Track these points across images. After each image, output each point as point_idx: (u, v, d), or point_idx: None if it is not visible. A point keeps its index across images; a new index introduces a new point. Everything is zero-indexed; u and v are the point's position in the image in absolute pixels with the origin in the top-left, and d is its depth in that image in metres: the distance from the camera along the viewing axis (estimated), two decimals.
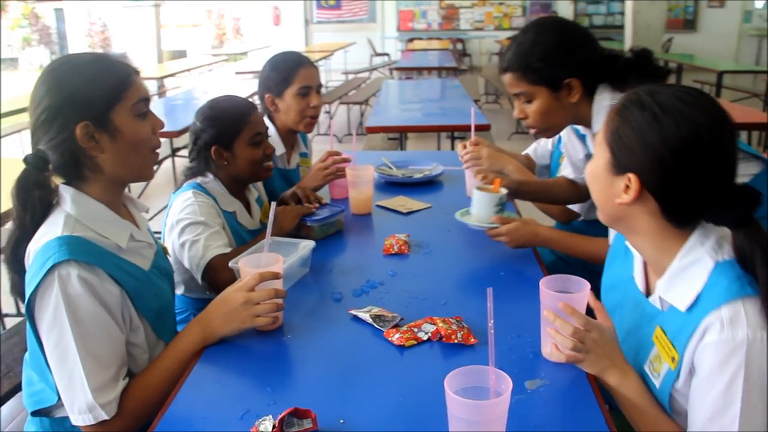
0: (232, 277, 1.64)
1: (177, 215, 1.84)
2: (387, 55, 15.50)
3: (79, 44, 16.60)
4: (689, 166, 1.13)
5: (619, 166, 1.20)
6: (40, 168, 1.34)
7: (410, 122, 4.38)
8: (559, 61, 1.78)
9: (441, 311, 1.53)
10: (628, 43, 9.76)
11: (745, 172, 1.69)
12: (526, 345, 1.39)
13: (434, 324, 1.44)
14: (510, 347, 1.38)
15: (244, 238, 1.97)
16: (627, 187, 1.19)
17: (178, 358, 1.39)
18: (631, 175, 1.17)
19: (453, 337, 1.39)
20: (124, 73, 1.38)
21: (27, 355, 1.42)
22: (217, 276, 1.77)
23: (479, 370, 1.04)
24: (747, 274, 1.12)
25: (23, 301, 1.31)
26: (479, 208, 1.89)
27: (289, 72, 2.38)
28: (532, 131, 1.93)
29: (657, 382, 1.23)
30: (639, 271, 1.36)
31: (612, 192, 1.23)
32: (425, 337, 1.41)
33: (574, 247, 1.89)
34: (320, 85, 2.47)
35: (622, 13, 15.12)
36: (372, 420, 1.15)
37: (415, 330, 1.43)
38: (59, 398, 1.33)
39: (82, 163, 1.36)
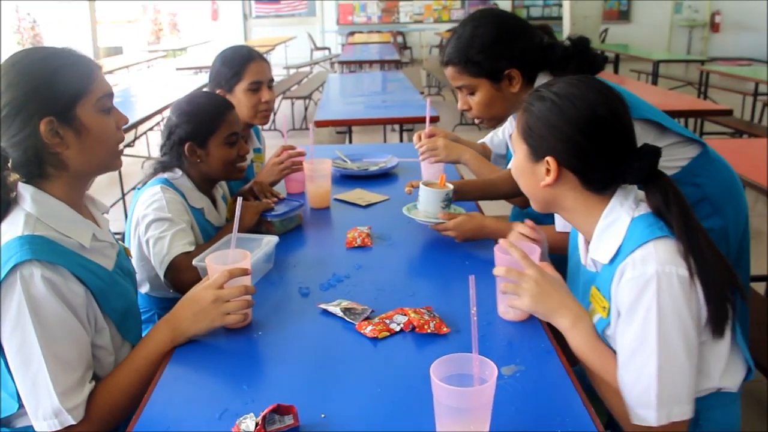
0: (196, 276, 1.61)
1: (143, 210, 1.79)
2: (327, 49, 15.44)
3: (6, 41, 15.99)
4: (593, 137, 1.27)
5: (536, 154, 1.33)
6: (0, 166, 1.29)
7: (359, 115, 4.38)
8: (498, 53, 1.81)
9: (410, 302, 1.54)
10: (566, 33, 9.94)
11: (684, 155, 1.75)
12: (498, 332, 1.41)
13: (406, 315, 1.44)
14: (482, 334, 1.39)
15: (211, 235, 1.93)
16: (547, 170, 1.32)
17: (147, 359, 1.35)
18: (549, 158, 1.31)
19: (426, 327, 1.40)
20: (88, 68, 1.34)
21: None
22: (179, 275, 1.73)
23: (463, 357, 1.04)
24: (659, 221, 1.24)
25: None
26: (426, 203, 1.92)
27: (240, 67, 2.33)
28: (476, 121, 1.97)
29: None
30: (582, 249, 1.45)
31: (536, 178, 1.35)
32: (398, 329, 1.41)
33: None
34: (272, 80, 2.43)
35: (559, 5, 15.44)
36: (353, 413, 1.15)
37: (387, 321, 1.43)
38: (19, 407, 1.28)
39: (45, 160, 1.31)
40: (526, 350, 1.34)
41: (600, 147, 1.28)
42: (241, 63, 2.33)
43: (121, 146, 1.43)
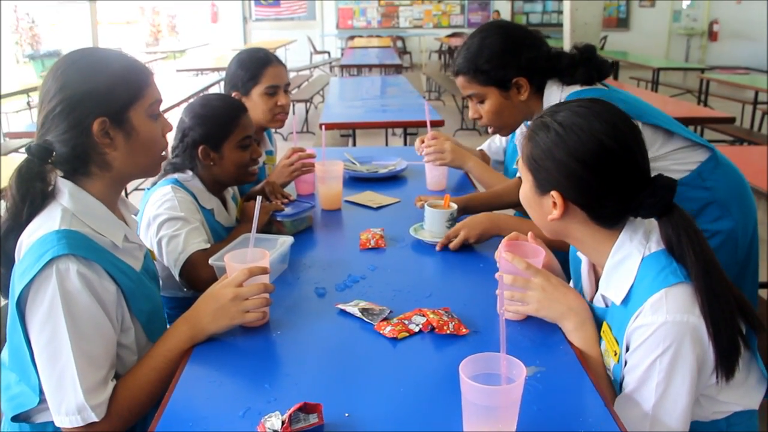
0: (212, 273, 1.61)
1: (155, 210, 1.79)
2: (327, 53, 15.45)
3: (5, 40, 15.98)
4: (600, 172, 1.23)
5: (542, 187, 1.30)
6: (43, 159, 1.30)
7: (362, 119, 4.39)
8: (505, 62, 1.86)
9: (427, 303, 1.54)
10: (566, 40, 9.95)
11: (693, 159, 1.78)
12: (517, 333, 1.41)
13: (424, 316, 1.44)
14: None
15: (221, 236, 1.94)
16: (554, 203, 1.29)
17: (167, 357, 1.35)
18: (554, 193, 1.28)
19: (445, 327, 1.40)
20: (144, 73, 1.37)
21: (3, 355, 1.36)
22: (196, 272, 1.73)
23: (491, 357, 1.05)
24: (672, 262, 1.21)
25: (5, 297, 1.27)
26: (431, 224, 1.95)
27: (257, 71, 2.34)
28: (490, 130, 2.02)
29: (609, 374, 1.32)
30: (585, 278, 1.44)
31: (544, 211, 1.33)
32: (417, 329, 1.41)
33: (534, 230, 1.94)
34: (288, 84, 2.44)
35: (558, 12, 15.51)
36: (377, 412, 1.15)
37: (406, 322, 1.43)
38: (40, 401, 1.28)
39: (91, 158, 1.34)
40: (546, 351, 1.34)
41: (609, 182, 1.23)
42: (258, 66, 2.33)
43: (163, 153, 1.45)
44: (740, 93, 8.10)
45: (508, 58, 1.87)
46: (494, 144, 2.79)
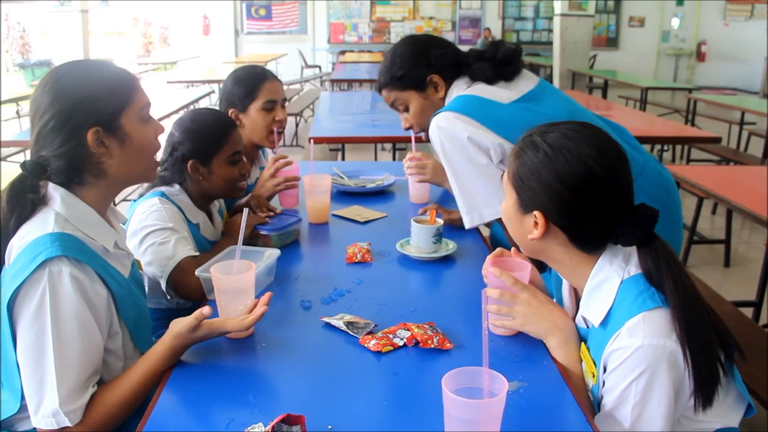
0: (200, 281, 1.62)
1: (142, 221, 1.79)
2: (318, 67, 15.50)
3: None
4: (585, 197, 1.24)
5: (525, 205, 1.31)
6: (38, 175, 1.33)
7: (351, 133, 4.41)
8: (415, 63, 2.01)
9: (412, 317, 1.55)
10: (556, 58, 10.05)
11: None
12: (501, 348, 1.42)
13: (409, 330, 1.45)
14: None
15: (206, 250, 1.93)
16: (536, 223, 1.30)
17: (148, 366, 1.35)
18: (537, 213, 1.29)
19: (429, 342, 1.41)
20: (130, 79, 1.40)
21: None
22: (185, 278, 1.72)
23: (474, 371, 1.06)
24: (650, 287, 1.22)
25: None
26: (417, 239, 1.98)
27: (254, 86, 2.33)
28: (423, 135, 2.13)
29: (589, 394, 1.33)
30: (567, 298, 1.45)
31: (524, 229, 1.34)
32: (401, 343, 1.42)
33: None
34: (285, 99, 2.44)
35: (548, 30, 15.64)
36: (359, 424, 1.16)
37: (391, 336, 1.44)
38: (20, 407, 1.29)
39: (87, 168, 1.35)
40: (529, 367, 1.35)
41: (592, 208, 1.25)
42: (255, 82, 2.33)
43: (157, 157, 1.47)
44: (727, 113, 8.18)
45: (417, 59, 2.00)
46: None
